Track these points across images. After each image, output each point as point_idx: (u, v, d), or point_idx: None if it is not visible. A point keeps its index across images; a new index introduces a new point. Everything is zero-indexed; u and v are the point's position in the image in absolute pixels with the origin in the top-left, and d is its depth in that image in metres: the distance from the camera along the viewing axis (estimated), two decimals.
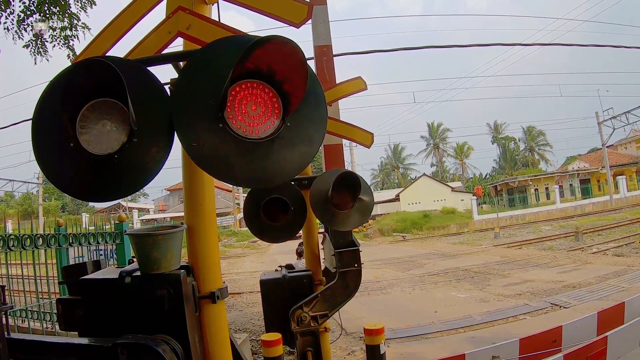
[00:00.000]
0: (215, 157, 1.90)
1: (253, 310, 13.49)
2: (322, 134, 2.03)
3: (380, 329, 4.30)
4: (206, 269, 2.45)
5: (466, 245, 30.67)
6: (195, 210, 2.47)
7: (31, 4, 10.20)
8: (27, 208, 64.93)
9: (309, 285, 4.51)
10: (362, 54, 14.58)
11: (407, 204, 57.64)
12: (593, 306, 9.48)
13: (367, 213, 4.22)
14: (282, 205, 4.40)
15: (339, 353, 8.47)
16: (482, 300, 12.25)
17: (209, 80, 1.94)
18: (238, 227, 58.58)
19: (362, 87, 4.96)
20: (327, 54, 6.52)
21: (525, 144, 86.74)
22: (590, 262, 16.70)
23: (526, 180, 57.97)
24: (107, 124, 1.94)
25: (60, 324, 2.56)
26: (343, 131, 5.04)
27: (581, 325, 5.52)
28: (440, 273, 18.07)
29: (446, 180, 77.40)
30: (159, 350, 2.01)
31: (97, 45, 2.49)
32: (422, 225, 47.83)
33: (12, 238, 6.99)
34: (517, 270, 16.81)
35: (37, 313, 8.35)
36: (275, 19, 2.31)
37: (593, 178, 57.71)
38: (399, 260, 24.57)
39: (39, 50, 10.80)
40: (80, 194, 2.12)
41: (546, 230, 33.89)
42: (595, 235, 26.72)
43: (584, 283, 12.94)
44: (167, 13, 2.35)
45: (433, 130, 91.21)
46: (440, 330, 9.62)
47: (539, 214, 47.07)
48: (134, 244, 2.27)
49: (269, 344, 4.13)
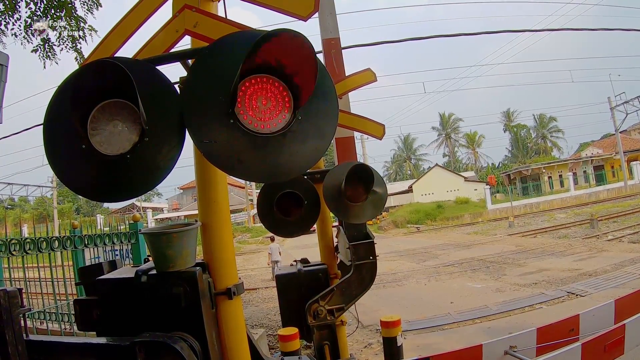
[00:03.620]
0: (227, 153, 1.90)
1: (269, 305, 13.55)
2: (334, 127, 2.02)
3: (397, 321, 4.30)
4: (221, 265, 2.45)
5: (481, 235, 30.52)
6: (209, 207, 2.47)
7: (37, 9, 10.26)
8: (41, 212, 65.47)
9: (325, 279, 4.50)
10: (370, 46, 14.50)
11: (420, 195, 57.43)
12: (610, 294, 9.39)
13: (381, 205, 4.21)
14: (295, 199, 4.39)
15: (356, 346, 8.48)
16: (497, 290, 12.21)
17: (218, 77, 1.94)
18: (252, 223, 58.71)
19: (371, 79, 4.93)
20: (335, 47, 6.47)
21: (536, 132, 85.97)
22: (606, 250, 16.57)
23: (539, 168, 57.45)
24: (119, 125, 1.95)
25: (78, 324, 2.58)
26: (354, 124, 5.02)
27: (598, 313, 5.46)
28: (455, 264, 18.02)
29: (459, 170, 76.90)
30: (176, 348, 2.02)
31: (106, 47, 2.49)
32: (435, 216, 47.66)
33: (28, 242, 7.06)
34: (533, 259, 16.73)
35: (54, 315, 8.43)
36: (282, 13, 2.30)
37: (607, 164, 57.02)
38: (414, 251, 24.52)
39: (47, 54, 10.86)
40: (93, 195, 2.14)
41: (561, 218, 33.62)
42: (610, 222, 26.48)
43: (600, 271, 12.85)
44: (174, 12, 2.35)
45: (444, 120, 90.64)
46: (457, 321, 9.62)
47: (553, 202, 46.56)
48: (149, 243, 2.27)
49: (286, 338, 4.15)
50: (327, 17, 6.85)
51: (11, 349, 2.04)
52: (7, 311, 2.06)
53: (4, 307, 2.05)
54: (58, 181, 48.01)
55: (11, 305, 2.09)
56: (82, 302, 2.56)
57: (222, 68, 1.95)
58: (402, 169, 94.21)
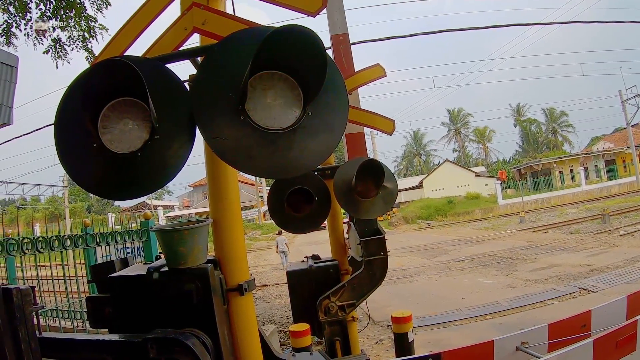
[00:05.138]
0: (238, 150, 1.90)
1: (280, 301, 13.57)
2: (344, 122, 2.02)
3: (408, 317, 4.30)
4: (233, 261, 2.46)
5: (491, 231, 30.42)
6: (220, 204, 2.47)
7: (47, 10, 10.32)
8: (53, 211, 65.91)
9: (336, 275, 4.52)
10: (378, 41, 14.53)
11: (431, 191, 57.36)
12: (622, 290, 9.33)
13: (392, 201, 4.20)
14: (306, 195, 4.40)
15: (367, 342, 8.48)
16: (509, 286, 12.15)
17: (228, 73, 1.94)
18: (262, 220, 58.85)
19: (381, 74, 4.92)
20: (344, 42, 6.47)
21: (545, 126, 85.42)
22: (617, 245, 16.45)
23: (550, 163, 57.04)
24: (129, 123, 1.96)
25: (90, 321, 2.59)
26: (364, 119, 5.01)
27: (610, 309, 5.41)
28: (466, 259, 17.96)
29: (469, 165, 76.58)
30: (188, 344, 2.02)
31: (115, 46, 2.50)
32: (446, 212, 47.62)
33: (40, 240, 7.11)
34: (544, 254, 16.62)
35: (67, 312, 8.49)
36: (291, 9, 2.30)
37: (618, 159, 56.50)
38: (425, 247, 24.48)
39: (59, 54, 10.93)
40: (105, 193, 2.14)
41: (572, 214, 33.36)
42: (622, 217, 26.28)
43: (611, 266, 12.75)
44: (182, 10, 2.35)
45: (454, 116, 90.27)
46: (468, 317, 9.58)
47: (564, 197, 46.26)
48: (160, 240, 2.28)
49: (297, 334, 4.16)
50: (335, 13, 6.86)
51: (24, 346, 2.05)
52: (20, 309, 2.07)
53: (17, 305, 2.07)
54: (69, 180, 48.30)
55: (24, 303, 2.10)
56: (95, 299, 2.58)
57: (232, 65, 1.95)
58: (413, 164, 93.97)
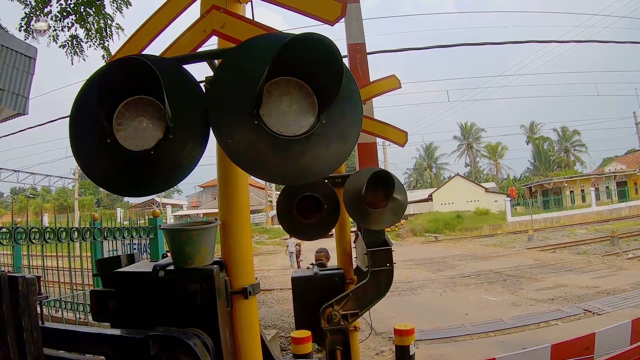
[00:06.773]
0: (251, 154, 1.90)
1: (283, 307, 13.57)
2: (358, 131, 2.01)
3: (411, 330, 4.27)
4: (239, 264, 2.46)
5: (499, 247, 30.27)
6: (229, 207, 2.48)
7: (67, 6, 10.42)
8: (62, 202, 66.37)
9: (340, 283, 4.49)
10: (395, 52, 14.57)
11: (440, 204, 57.07)
12: (627, 314, 9.24)
13: (401, 212, 4.18)
14: (315, 202, 4.39)
15: (368, 353, 8.46)
16: (513, 304, 12.08)
17: (244, 78, 1.95)
18: (270, 224, 58.88)
19: (396, 85, 4.91)
20: (360, 52, 6.49)
21: (558, 145, 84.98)
22: (625, 268, 16.31)
23: (561, 182, 56.71)
24: (144, 121, 1.97)
25: (93, 315, 2.62)
26: (377, 129, 5.01)
27: (615, 333, 5.38)
28: (472, 275, 17.88)
29: (480, 181, 76.22)
30: (190, 344, 2.03)
31: (133, 44, 2.52)
32: (454, 226, 47.32)
33: (48, 231, 7.17)
34: (551, 274, 16.51)
35: (70, 304, 8.55)
36: (310, 17, 2.31)
37: (630, 181, 55.99)
38: (431, 261, 24.40)
39: (75, 50, 11.01)
40: (116, 189, 2.16)
41: (581, 234, 33.14)
42: (631, 240, 26.04)
43: (618, 289, 12.64)
44: (202, 12, 2.37)
45: (466, 130, 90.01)
46: (471, 333, 9.54)
47: (573, 217, 45.96)
48: (168, 239, 2.29)
49: (298, 341, 4.15)
50: (352, 22, 6.88)
51: (27, 335, 2.07)
52: (25, 298, 2.09)
53: (21, 294, 2.08)
54: (80, 173, 48.61)
55: (29, 292, 2.12)
56: (99, 293, 2.60)
57: (249, 69, 1.95)
58: (423, 177, 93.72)
